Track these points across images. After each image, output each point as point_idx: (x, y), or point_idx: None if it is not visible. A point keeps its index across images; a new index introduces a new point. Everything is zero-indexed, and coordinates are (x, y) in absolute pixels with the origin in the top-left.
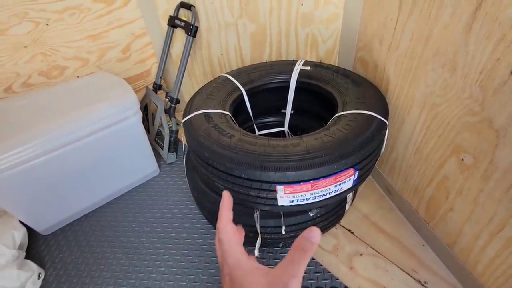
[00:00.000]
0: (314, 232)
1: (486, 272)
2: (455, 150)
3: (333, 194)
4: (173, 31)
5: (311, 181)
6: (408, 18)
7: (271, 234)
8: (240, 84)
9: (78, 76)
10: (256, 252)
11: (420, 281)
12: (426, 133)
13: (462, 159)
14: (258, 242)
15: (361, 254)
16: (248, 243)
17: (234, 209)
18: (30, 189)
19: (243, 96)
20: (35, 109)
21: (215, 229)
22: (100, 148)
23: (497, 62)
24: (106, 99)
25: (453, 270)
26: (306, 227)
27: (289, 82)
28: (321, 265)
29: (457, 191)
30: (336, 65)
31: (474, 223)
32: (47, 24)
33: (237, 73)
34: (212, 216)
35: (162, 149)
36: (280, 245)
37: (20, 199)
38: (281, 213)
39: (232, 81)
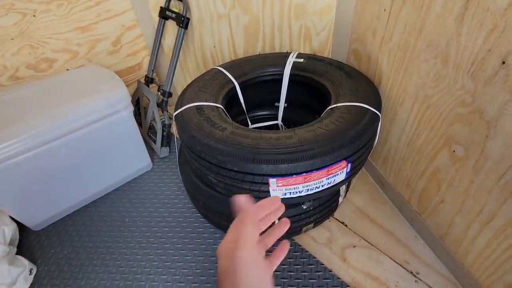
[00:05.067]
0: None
1: (476, 262)
2: (447, 142)
3: (326, 186)
4: (164, 23)
5: (304, 174)
6: (401, 9)
7: None
8: (233, 76)
9: (67, 69)
10: None
11: (412, 272)
12: (418, 125)
13: (454, 151)
14: None
15: (354, 246)
16: None
17: (226, 203)
18: (20, 184)
19: (236, 89)
20: (24, 102)
21: (208, 223)
22: (91, 142)
23: (488, 52)
24: (96, 93)
25: (445, 261)
26: (300, 220)
27: (282, 74)
28: (315, 258)
29: (448, 183)
30: (330, 57)
31: (465, 214)
32: (34, 16)
33: (229, 66)
34: (205, 210)
35: (155, 143)
36: None
37: (10, 194)
38: None
39: (225, 74)
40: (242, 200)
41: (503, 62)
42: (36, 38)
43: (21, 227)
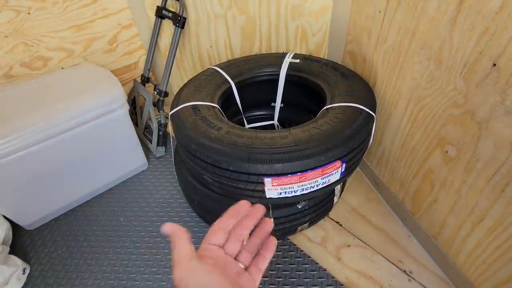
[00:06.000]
0: None
1: (467, 261)
2: (440, 143)
3: (320, 186)
4: (161, 22)
5: (299, 173)
6: (395, 11)
7: None
8: (229, 76)
9: (62, 68)
10: None
11: (405, 271)
12: (412, 126)
13: (447, 151)
14: None
15: (349, 246)
16: None
17: (221, 203)
18: (14, 183)
19: (232, 89)
20: (17, 101)
21: (204, 222)
22: (86, 141)
23: (480, 55)
24: (91, 91)
25: (437, 260)
26: (295, 219)
27: (278, 75)
28: (309, 257)
29: (441, 183)
30: (326, 58)
31: (457, 214)
32: (29, 13)
33: (226, 66)
34: (201, 209)
35: (151, 143)
36: None
37: (3, 193)
38: (269, 205)
39: (221, 74)
40: (170, 229)
41: (494, 65)
42: (31, 36)
43: (14, 226)
